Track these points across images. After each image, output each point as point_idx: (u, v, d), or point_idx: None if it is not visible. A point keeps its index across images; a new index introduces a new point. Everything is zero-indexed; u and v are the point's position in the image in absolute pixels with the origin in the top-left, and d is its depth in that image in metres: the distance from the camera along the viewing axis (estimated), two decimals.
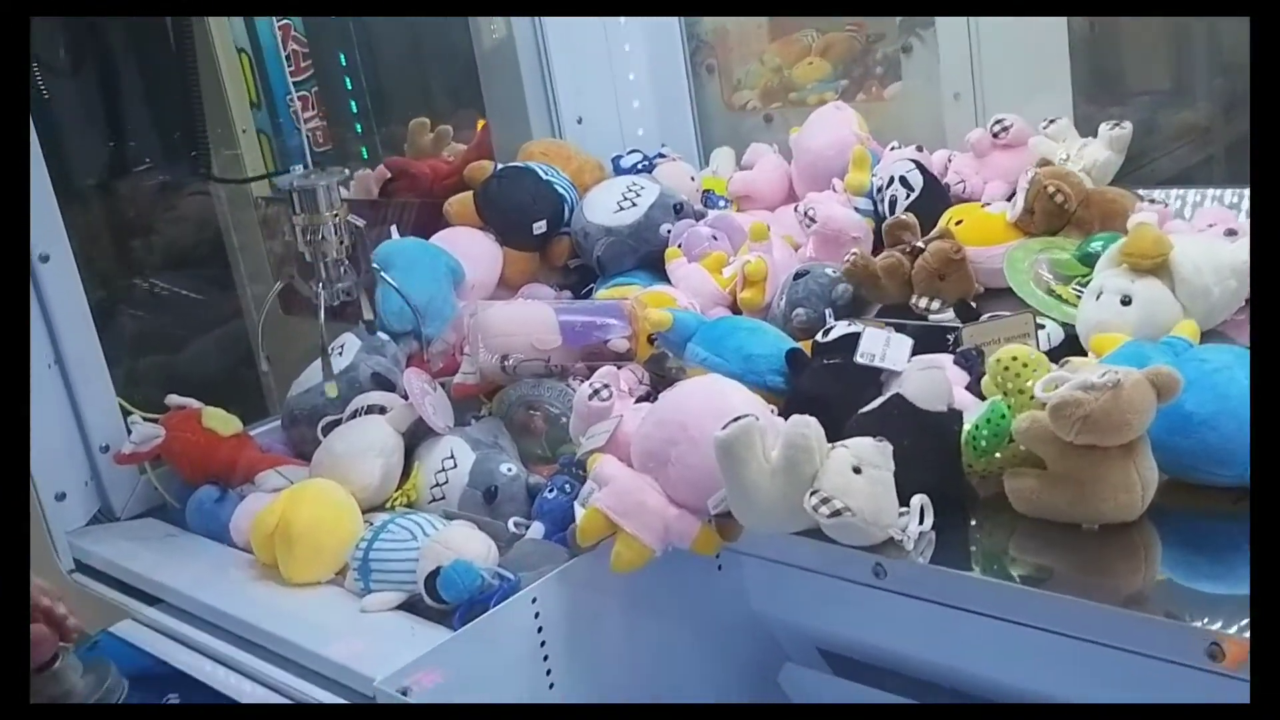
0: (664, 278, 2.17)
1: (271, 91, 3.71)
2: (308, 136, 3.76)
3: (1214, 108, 2.41)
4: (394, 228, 2.19)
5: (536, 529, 1.64)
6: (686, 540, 1.42)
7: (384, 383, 1.99)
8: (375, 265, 2.01)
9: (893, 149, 2.24)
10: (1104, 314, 1.50)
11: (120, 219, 3.08)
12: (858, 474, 1.27)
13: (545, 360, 1.83)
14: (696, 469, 1.40)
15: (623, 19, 2.60)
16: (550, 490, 1.67)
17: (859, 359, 1.55)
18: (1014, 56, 2.19)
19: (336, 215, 1.83)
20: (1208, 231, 1.72)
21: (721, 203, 2.46)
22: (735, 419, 1.30)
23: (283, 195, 3.46)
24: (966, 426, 1.36)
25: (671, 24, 2.63)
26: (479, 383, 1.90)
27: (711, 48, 2.67)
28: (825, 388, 1.56)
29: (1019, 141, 2.08)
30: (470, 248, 2.23)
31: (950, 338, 1.63)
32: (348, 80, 3.61)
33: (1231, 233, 1.70)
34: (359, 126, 3.66)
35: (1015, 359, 1.31)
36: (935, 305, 1.75)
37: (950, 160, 2.18)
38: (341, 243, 1.85)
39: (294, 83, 3.69)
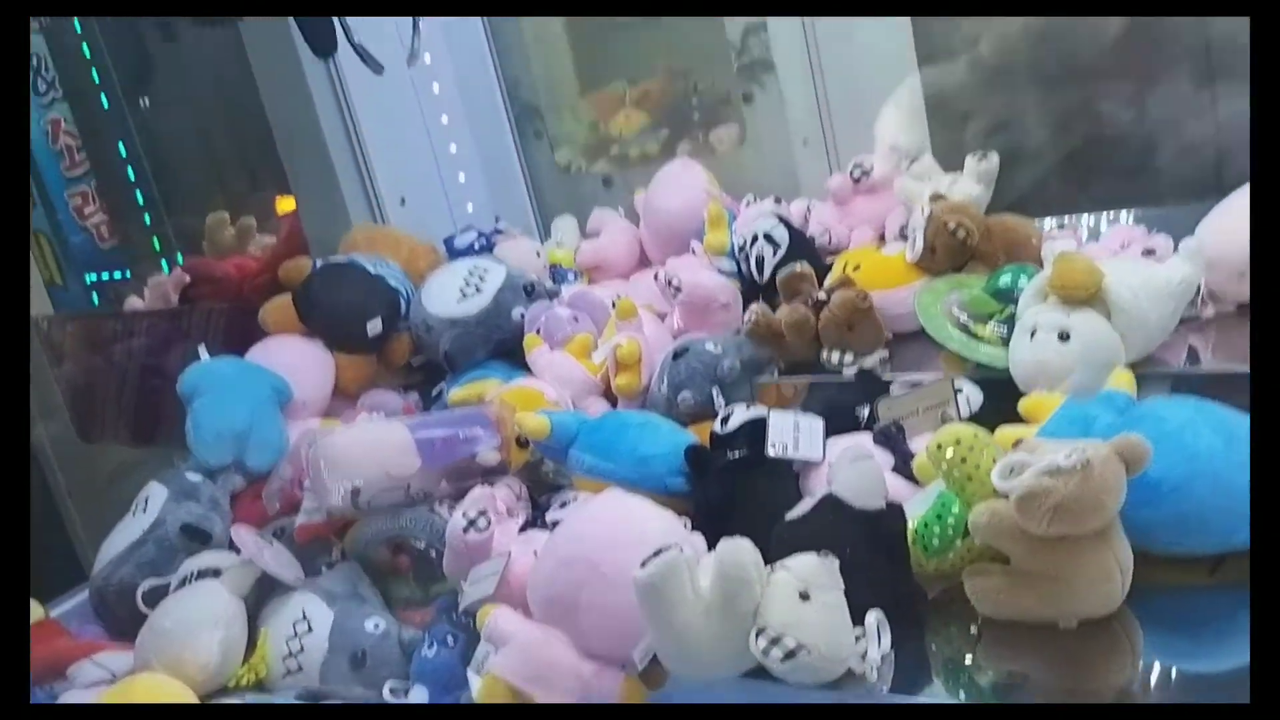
0: (522, 367, 1.95)
1: (46, 189, 3.39)
2: (92, 233, 3.44)
3: (1045, 128, 2.38)
4: (202, 347, 1.88)
5: (419, 695, 1.38)
6: (609, 699, 1.19)
7: (198, 534, 1.67)
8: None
9: (749, 204, 2.10)
10: (1042, 353, 1.38)
11: None
12: (806, 601, 1.08)
13: (404, 487, 1.58)
14: (613, 613, 1.18)
15: (436, 85, 2.37)
16: (429, 645, 1.42)
17: (770, 451, 1.37)
18: (861, 95, 2.08)
19: None
20: (1123, 254, 1.64)
21: (570, 276, 2.26)
22: (656, 552, 1.09)
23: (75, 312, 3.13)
24: (911, 523, 1.19)
25: (493, 89, 2.43)
26: (326, 521, 1.62)
27: (538, 112, 2.48)
28: (735, 488, 1.37)
29: (882, 184, 1.98)
30: (295, 359, 1.95)
31: (859, 412, 1.48)
32: (130, 170, 3.31)
33: (1149, 252, 1.63)
34: (148, 217, 3.35)
35: (959, 441, 1.15)
36: (848, 358, 1.60)
37: (810, 210, 2.06)
38: None
39: (70, 178, 3.37)
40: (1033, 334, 1.40)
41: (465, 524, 1.40)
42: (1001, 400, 1.41)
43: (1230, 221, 1.46)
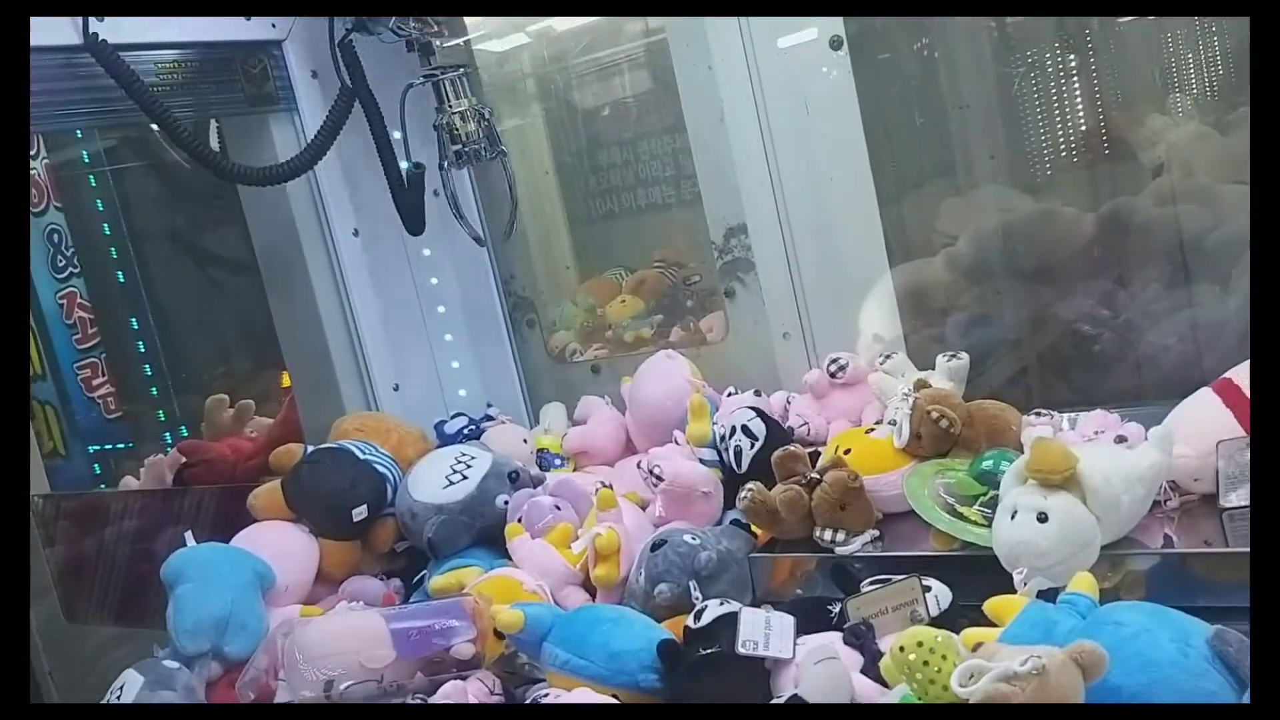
0: (505, 554, 1.97)
1: (57, 361, 3.47)
2: (99, 404, 3.50)
3: (1022, 323, 2.46)
4: (189, 533, 1.90)
5: None
6: None
7: None
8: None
9: (730, 395, 2.16)
10: (1022, 533, 1.43)
11: None
12: None
13: (378, 679, 1.57)
14: None
15: (434, 279, 2.48)
16: None
17: (740, 649, 1.38)
18: (839, 292, 2.18)
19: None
20: (1097, 440, 1.70)
21: (558, 461, 2.30)
22: None
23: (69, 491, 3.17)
24: None
25: (488, 281, 2.54)
26: None
27: (530, 303, 2.58)
28: (706, 686, 1.37)
29: (857, 379, 2.05)
30: (280, 545, 1.97)
31: (832, 610, 1.49)
32: (141, 344, 3.41)
33: (1122, 439, 1.68)
34: (155, 390, 3.43)
35: (920, 644, 1.16)
36: (840, 536, 1.64)
37: (789, 402, 2.12)
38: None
39: (81, 350, 3.46)
40: (1013, 515, 1.45)
41: None
42: (993, 573, 1.45)
43: (1184, 428, 1.52)
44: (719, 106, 2.16)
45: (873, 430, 1.86)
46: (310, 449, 2.10)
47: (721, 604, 1.50)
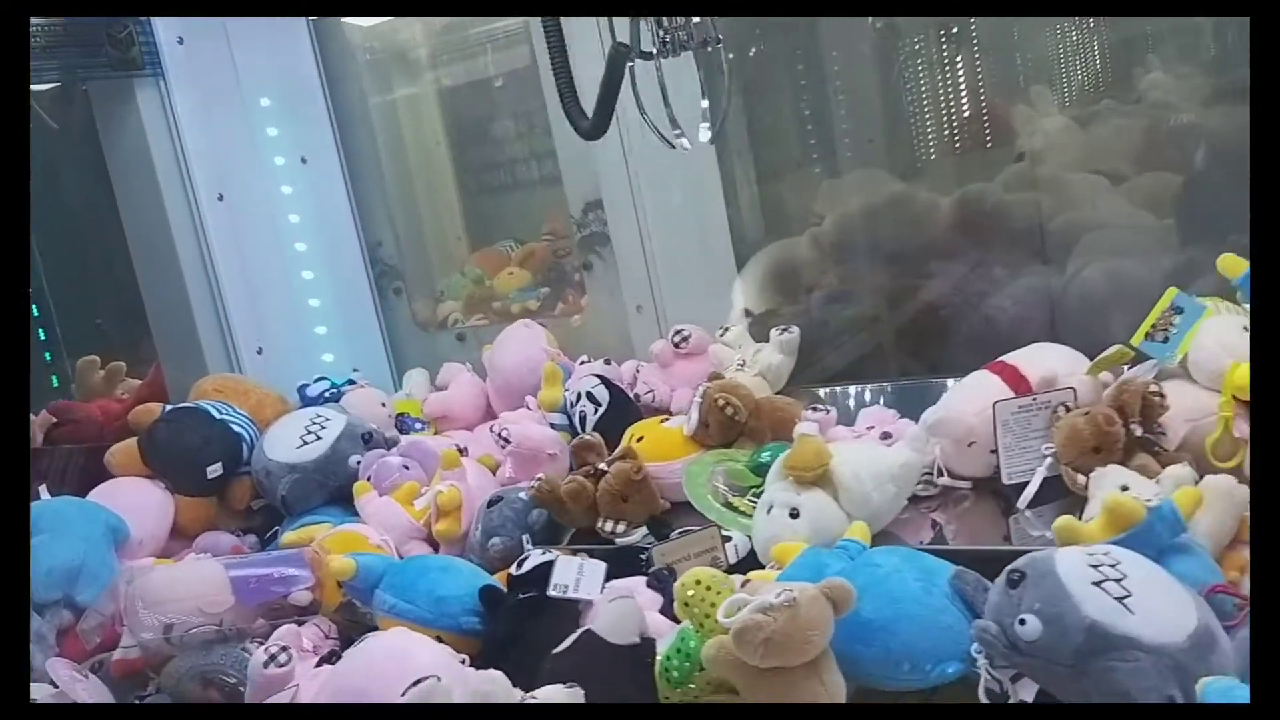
0: (356, 512, 2.05)
1: None
2: None
3: (879, 301, 2.58)
4: (43, 487, 1.94)
5: None
6: None
7: None
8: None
9: (583, 363, 2.26)
10: (775, 528, 1.52)
11: None
12: None
13: (218, 624, 1.65)
14: None
15: (301, 245, 2.53)
16: None
17: (551, 591, 1.49)
18: (687, 267, 2.29)
19: None
20: (866, 435, 1.80)
21: (418, 425, 2.38)
22: (416, 682, 1.19)
23: None
24: (659, 656, 1.31)
25: (354, 248, 2.60)
26: (143, 656, 1.68)
27: (397, 270, 2.65)
28: (521, 626, 1.48)
29: (699, 349, 2.16)
30: (135, 500, 2.02)
31: (643, 558, 1.60)
32: (35, 308, 3.35)
33: (886, 436, 1.78)
34: (49, 355, 3.38)
35: (699, 582, 1.28)
36: (621, 528, 1.72)
37: (639, 370, 2.23)
38: None
39: None
40: (769, 510, 1.54)
41: (266, 659, 1.48)
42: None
43: (955, 397, 1.65)
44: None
45: (667, 419, 1.96)
46: (168, 408, 2.15)
47: (544, 553, 1.61)
